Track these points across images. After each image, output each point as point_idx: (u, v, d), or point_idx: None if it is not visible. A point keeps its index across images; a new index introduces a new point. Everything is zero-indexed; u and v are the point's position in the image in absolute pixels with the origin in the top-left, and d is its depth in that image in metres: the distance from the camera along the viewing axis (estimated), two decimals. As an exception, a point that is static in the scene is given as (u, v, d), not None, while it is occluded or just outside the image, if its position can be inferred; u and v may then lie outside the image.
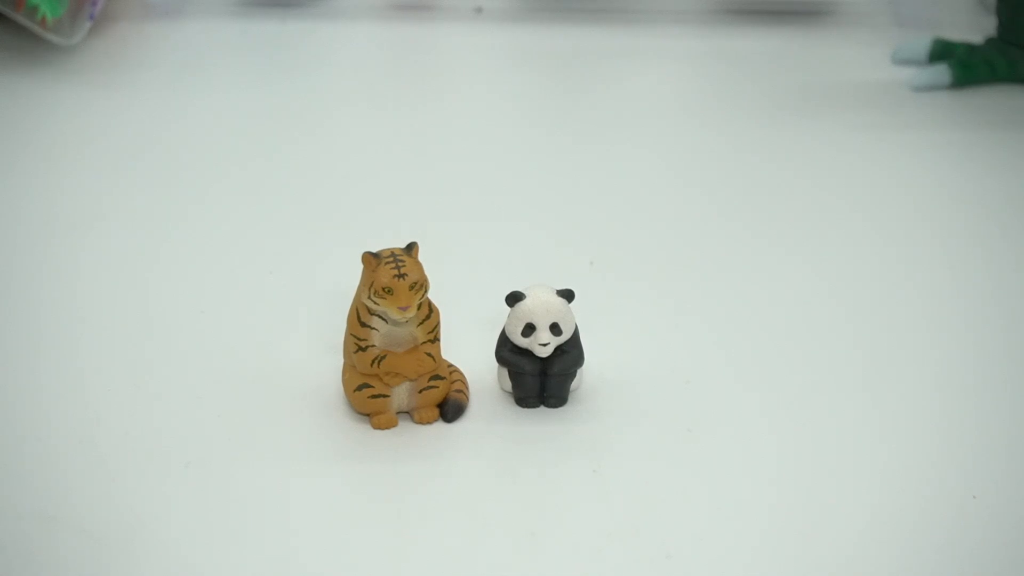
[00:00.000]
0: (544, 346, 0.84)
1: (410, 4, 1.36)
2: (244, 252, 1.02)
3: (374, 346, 0.84)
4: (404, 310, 0.82)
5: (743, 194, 1.10)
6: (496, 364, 0.87)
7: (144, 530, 0.79)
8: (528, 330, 0.84)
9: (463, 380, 0.87)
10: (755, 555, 0.78)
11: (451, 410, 0.86)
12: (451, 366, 0.87)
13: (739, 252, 1.02)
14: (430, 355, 0.84)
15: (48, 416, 0.86)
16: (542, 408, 0.87)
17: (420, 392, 0.85)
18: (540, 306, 0.84)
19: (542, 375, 0.86)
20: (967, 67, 1.22)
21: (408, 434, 0.85)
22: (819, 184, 1.11)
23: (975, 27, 1.31)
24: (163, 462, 0.83)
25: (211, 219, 1.06)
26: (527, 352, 0.85)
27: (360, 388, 0.85)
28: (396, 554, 0.78)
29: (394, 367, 0.84)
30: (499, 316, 0.87)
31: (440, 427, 0.86)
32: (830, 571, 0.77)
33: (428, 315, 0.84)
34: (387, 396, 0.85)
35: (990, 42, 1.24)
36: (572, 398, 0.88)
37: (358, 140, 1.17)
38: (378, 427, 0.85)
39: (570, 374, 0.86)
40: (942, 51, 1.25)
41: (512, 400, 0.87)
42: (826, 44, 1.31)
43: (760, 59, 1.29)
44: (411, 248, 0.83)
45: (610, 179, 1.12)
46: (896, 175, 1.12)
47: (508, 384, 0.87)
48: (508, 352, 0.86)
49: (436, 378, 0.85)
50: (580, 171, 1.13)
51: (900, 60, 1.27)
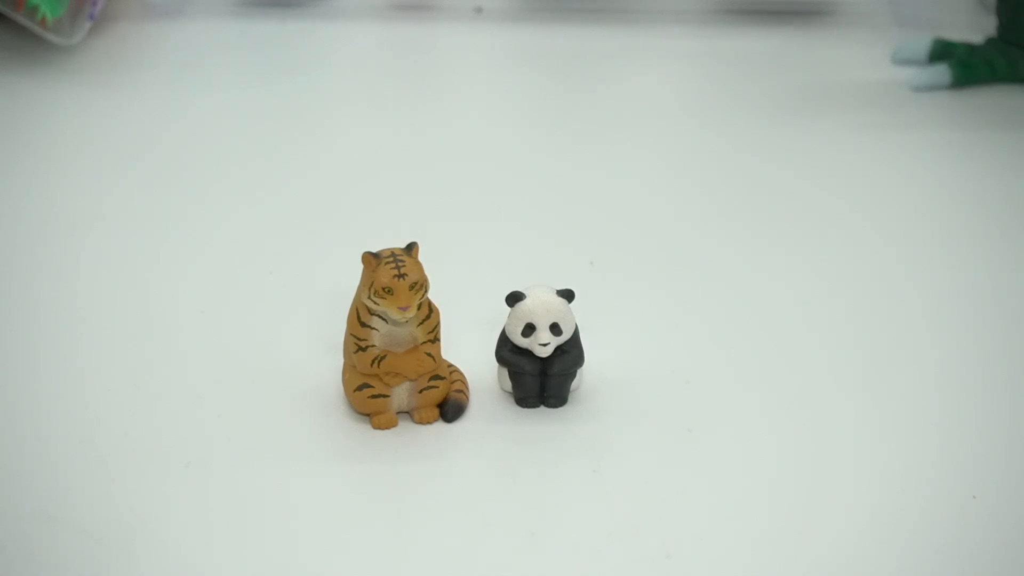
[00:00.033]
0: (544, 346, 0.84)
1: (410, 4, 1.36)
2: (244, 252, 1.02)
3: (374, 346, 0.84)
4: (404, 310, 0.82)
5: (743, 194, 1.10)
6: (496, 364, 0.87)
7: (144, 530, 0.79)
8: (528, 330, 0.84)
9: (463, 380, 0.87)
10: (755, 555, 0.78)
11: (451, 410, 0.86)
12: (451, 366, 0.87)
13: (739, 252, 1.02)
14: (430, 355, 0.84)
15: (48, 416, 0.86)
16: (542, 408, 0.87)
17: (420, 392, 0.85)
18: (540, 306, 0.84)
19: (542, 375, 0.86)
20: (967, 67, 1.22)
21: (408, 434, 0.85)
22: (819, 184, 1.11)
23: (975, 27, 1.31)
24: (163, 462, 0.83)
25: (211, 219, 1.06)
26: (527, 352, 0.85)
27: (360, 388, 0.85)
28: (396, 554, 0.78)
29: (394, 367, 0.84)
30: (499, 316, 0.87)
31: (440, 427, 0.86)
32: (830, 571, 0.77)
33: (428, 315, 0.84)
34: (387, 396, 0.85)
35: (990, 42, 1.24)
36: (572, 398, 0.88)
37: (358, 140, 1.17)
38: (378, 427, 0.85)
39: (570, 374, 0.86)
40: (942, 51, 1.25)
41: (512, 400, 0.87)
42: (826, 44, 1.31)
43: (760, 59, 1.29)
44: (411, 248, 0.83)
45: (610, 179, 1.12)
46: (896, 175, 1.12)
47: (508, 384, 0.87)
48: (508, 352, 0.86)
49: (436, 378, 0.85)
50: (580, 171, 1.13)
51: (900, 60, 1.27)
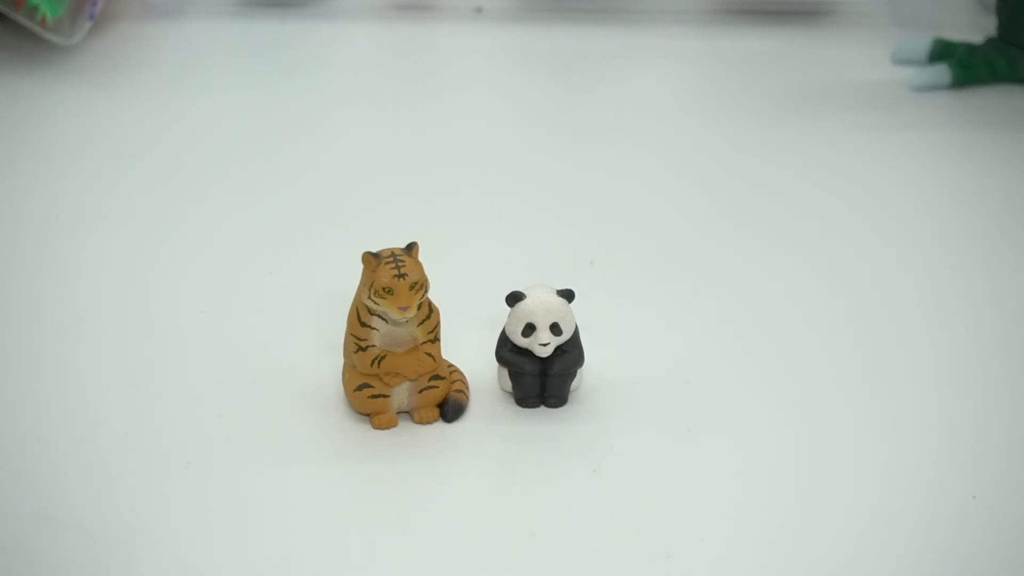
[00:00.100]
0: (544, 346, 0.84)
1: (410, 4, 1.36)
2: (244, 252, 1.02)
3: (374, 346, 0.84)
4: (404, 310, 0.82)
5: (743, 194, 1.10)
6: (496, 364, 0.87)
7: (144, 530, 0.79)
8: (528, 330, 0.84)
9: (463, 380, 0.87)
10: (755, 555, 0.78)
11: (451, 410, 0.86)
12: (451, 366, 0.87)
13: (739, 252, 1.02)
14: (430, 355, 0.84)
15: (48, 416, 0.86)
16: (542, 408, 0.87)
17: (420, 392, 0.85)
18: (540, 306, 0.84)
19: (542, 375, 0.86)
20: (967, 67, 1.22)
21: (408, 434, 0.85)
22: (819, 184, 1.11)
23: (975, 27, 1.31)
24: (163, 462, 0.83)
25: (211, 219, 1.06)
26: (527, 352, 0.85)
27: (360, 388, 0.85)
28: (396, 554, 0.78)
29: (394, 367, 0.84)
30: (499, 316, 0.87)
31: (440, 427, 0.86)
32: (830, 571, 0.77)
33: (428, 315, 0.84)
34: (387, 396, 0.85)
35: (990, 42, 1.24)
36: (572, 398, 0.88)
37: (358, 140, 1.17)
38: (378, 427, 0.85)
39: (570, 374, 0.86)
40: (942, 51, 1.25)
41: (512, 400, 0.87)
42: (826, 44, 1.31)
43: (760, 59, 1.29)
44: (411, 248, 0.83)
45: (610, 179, 1.12)
46: (896, 175, 1.12)
47: (508, 384, 0.87)
48: (508, 352, 0.86)
49: (436, 378, 0.85)
50: (580, 171, 1.13)
51: (900, 60, 1.27)
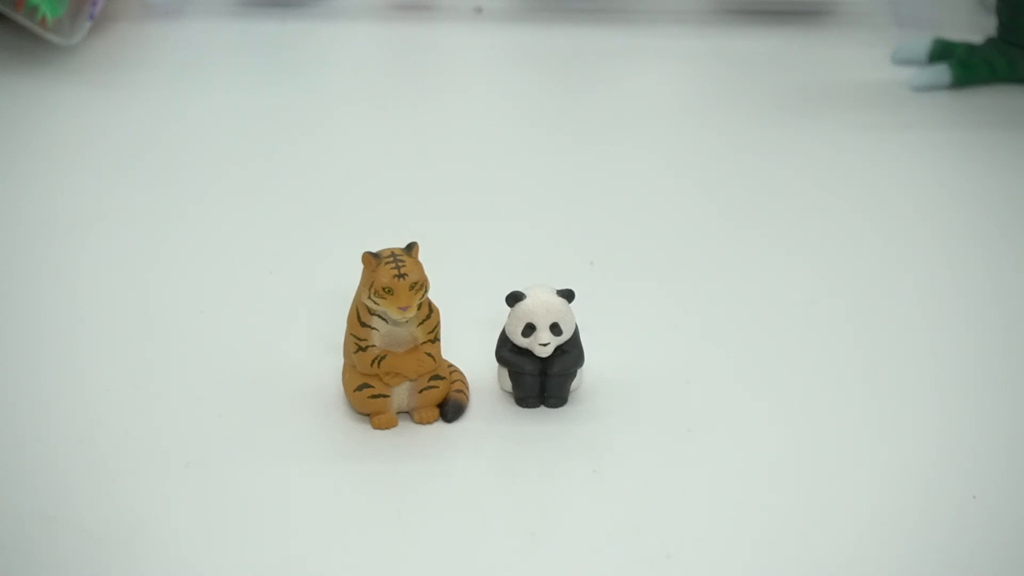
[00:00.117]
0: (544, 346, 0.84)
1: (410, 4, 1.36)
2: (244, 252, 1.02)
3: (374, 346, 0.84)
4: (404, 310, 0.82)
5: (743, 194, 1.10)
6: (496, 364, 0.87)
7: (144, 530, 0.79)
8: (528, 330, 0.84)
9: (463, 380, 0.87)
10: (755, 555, 0.78)
11: (451, 410, 0.86)
12: (451, 366, 0.87)
13: (739, 252, 1.02)
14: (430, 355, 0.84)
15: (48, 416, 0.86)
16: (542, 408, 0.87)
17: (420, 392, 0.85)
18: (540, 306, 0.84)
19: (542, 375, 0.86)
20: (967, 67, 1.22)
21: (408, 434, 0.85)
22: (819, 184, 1.11)
23: (975, 27, 1.31)
24: (163, 462, 0.83)
25: (211, 219, 1.06)
26: (527, 352, 0.85)
27: (360, 388, 0.85)
28: (396, 554, 0.78)
29: (394, 367, 0.84)
30: (499, 316, 0.87)
31: (440, 427, 0.86)
32: (830, 571, 0.77)
33: (428, 315, 0.84)
34: (387, 396, 0.85)
35: (990, 42, 1.24)
36: (572, 398, 0.88)
37: (358, 140, 1.17)
38: (378, 427, 0.85)
39: (570, 374, 0.86)
40: (942, 51, 1.25)
41: (512, 400, 0.87)
42: (826, 44, 1.31)
43: (760, 59, 1.29)
44: (411, 248, 0.83)
45: (610, 179, 1.12)
46: (896, 175, 1.12)
47: (508, 384, 0.87)
48: (508, 352, 0.86)
49: (436, 378, 0.85)
50: (580, 171, 1.13)
51: (900, 60, 1.27)
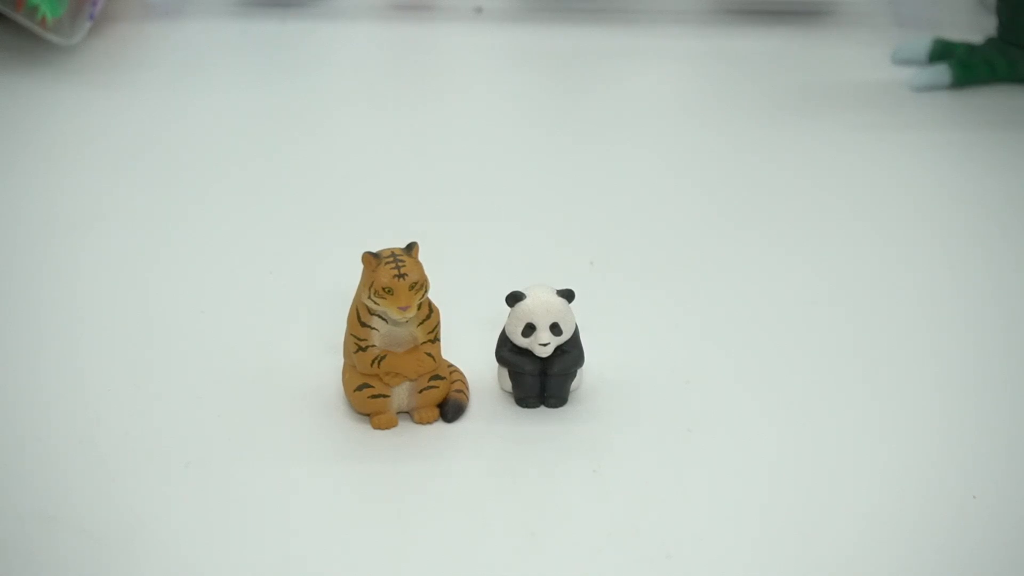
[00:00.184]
0: (544, 346, 0.84)
1: (410, 4, 1.36)
2: (244, 252, 1.02)
3: (374, 346, 0.84)
4: (404, 310, 0.82)
5: (743, 194, 1.10)
6: (496, 364, 0.87)
7: (144, 530, 0.79)
8: (528, 330, 0.84)
9: (463, 380, 0.87)
10: (755, 555, 0.78)
11: (451, 410, 0.86)
12: (451, 366, 0.87)
13: (739, 252, 1.02)
14: (430, 355, 0.84)
15: (48, 416, 0.86)
16: (542, 408, 0.87)
17: (420, 392, 0.85)
18: (540, 306, 0.84)
19: (542, 375, 0.86)
20: (967, 67, 1.22)
21: (408, 434, 0.85)
22: (819, 184, 1.11)
23: (975, 27, 1.31)
24: (163, 462, 0.83)
25: (211, 219, 1.06)
26: (527, 352, 0.85)
27: (360, 388, 0.85)
28: (396, 554, 0.78)
29: (394, 367, 0.84)
30: (499, 316, 0.87)
31: (440, 427, 0.86)
32: (830, 571, 0.77)
33: (428, 315, 0.84)
34: (387, 396, 0.85)
35: (990, 42, 1.24)
36: (572, 398, 0.88)
37: (358, 140, 1.17)
38: (378, 427, 0.85)
39: (570, 374, 0.86)
40: (942, 51, 1.25)
41: (512, 400, 0.87)
42: (826, 44, 1.31)
43: (760, 59, 1.29)
44: (411, 248, 0.83)
45: (610, 179, 1.12)
46: (896, 175, 1.12)
47: (508, 384, 0.87)
48: (508, 352, 0.86)
49: (436, 378, 0.85)
50: (580, 171, 1.13)
51: (900, 60, 1.27)
